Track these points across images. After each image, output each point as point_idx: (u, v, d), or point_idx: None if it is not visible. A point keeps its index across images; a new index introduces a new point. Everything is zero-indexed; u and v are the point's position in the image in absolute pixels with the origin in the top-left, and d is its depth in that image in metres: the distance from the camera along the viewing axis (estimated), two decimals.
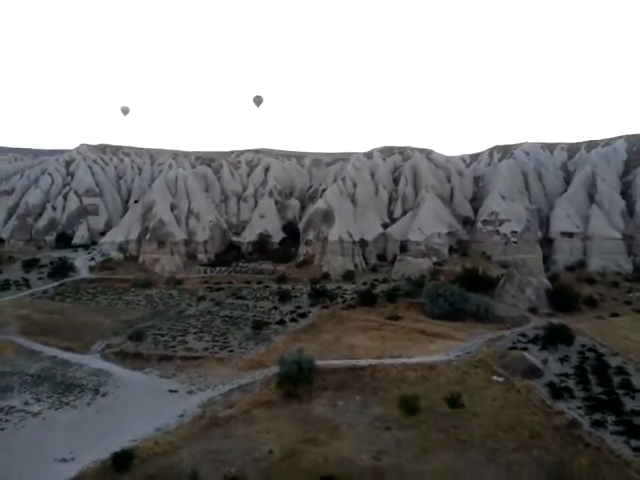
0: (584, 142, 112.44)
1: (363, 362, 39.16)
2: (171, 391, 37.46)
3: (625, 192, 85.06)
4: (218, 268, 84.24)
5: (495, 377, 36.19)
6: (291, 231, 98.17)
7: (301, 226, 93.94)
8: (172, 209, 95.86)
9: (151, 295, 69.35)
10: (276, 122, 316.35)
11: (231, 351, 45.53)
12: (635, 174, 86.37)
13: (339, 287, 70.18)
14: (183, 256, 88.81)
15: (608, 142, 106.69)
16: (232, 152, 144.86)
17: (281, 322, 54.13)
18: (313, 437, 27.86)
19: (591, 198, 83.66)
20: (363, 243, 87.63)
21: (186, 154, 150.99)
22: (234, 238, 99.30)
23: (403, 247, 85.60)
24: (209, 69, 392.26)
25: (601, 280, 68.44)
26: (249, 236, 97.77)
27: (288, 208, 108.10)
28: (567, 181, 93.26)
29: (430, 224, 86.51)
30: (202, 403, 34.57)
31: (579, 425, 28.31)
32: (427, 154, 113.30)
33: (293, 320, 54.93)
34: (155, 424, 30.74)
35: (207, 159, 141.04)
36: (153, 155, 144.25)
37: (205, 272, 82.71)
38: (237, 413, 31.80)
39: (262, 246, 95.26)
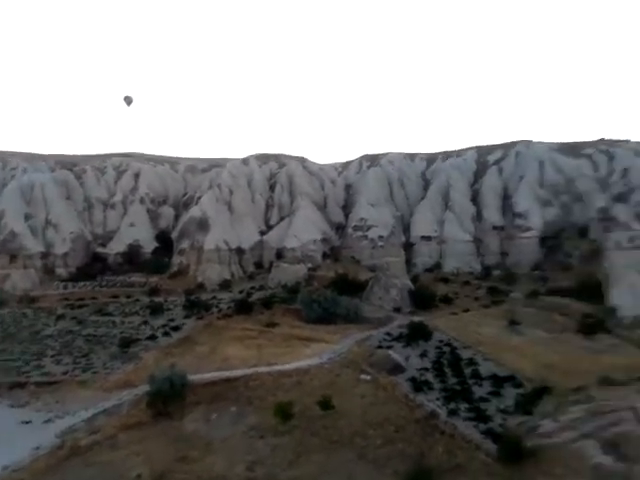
0: (440, 152, 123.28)
1: (238, 372, 38.96)
2: (24, 422, 34.00)
3: (475, 199, 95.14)
4: (81, 283, 78.20)
5: (363, 376, 38.24)
6: (164, 240, 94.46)
7: (175, 235, 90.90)
8: (26, 219, 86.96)
9: (1, 315, 62.25)
10: (148, 125, 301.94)
11: (95, 372, 42.63)
12: (482, 183, 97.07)
13: (215, 297, 69.11)
14: (39, 271, 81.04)
15: (460, 153, 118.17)
16: (98, 156, 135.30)
17: (152, 337, 51.86)
18: (185, 455, 27.13)
19: (446, 204, 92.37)
20: (240, 251, 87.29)
21: (44, 157, 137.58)
22: (100, 249, 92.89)
23: (279, 254, 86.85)
24: (70, 62, 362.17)
25: (455, 279, 75.87)
26: (117, 247, 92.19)
27: (161, 216, 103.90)
28: (426, 189, 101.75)
29: (305, 231, 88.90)
30: (61, 432, 31.83)
31: (437, 415, 31.00)
32: (302, 162, 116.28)
33: (165, 334, 52.91)
34: (2, 462, 27.67)
35: (68, 163, 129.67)
36: (4, 158, 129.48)
37: (65, 288, 76.31)
38: (102, 439, 29.80)
39: (132, 257, 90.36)
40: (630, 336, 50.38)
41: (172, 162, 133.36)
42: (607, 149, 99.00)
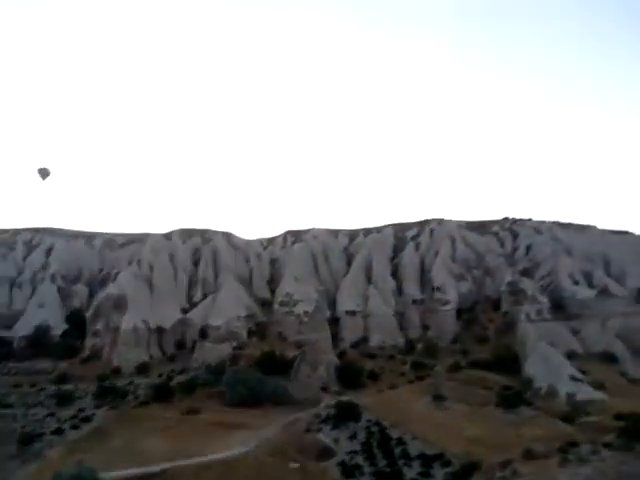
0: (362, 229, 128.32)
1: (156, 468, 35.99)
2: None
3: (395, 273, 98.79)
4: None
5: (292, 464, 36.72)
6: (76, 321, 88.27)
7: (88, 315, 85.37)
8: None
9: None
10: (62, 197, 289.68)
11: None
12: (401, 257, 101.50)
13: (131, 382, 64.60)
14: None
15: (380, 229, 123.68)
16: (6, 231, 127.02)
17: (58, 431, 46.95)
18: None
19: (369, 279, 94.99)
20: (160, 330, 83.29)
21: None
22: (3, 333, 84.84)
23: (203, 332, 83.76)
24: None
25: (381, 354, 76.57)
26: (23, 329, 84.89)
27: (73, 295, 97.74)
28: (349, 264, 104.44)
29: (230, 307, 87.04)
30: None
31: None
32: (227, 237, 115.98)
33: (74, 427, 48.11)
34: None
35: None
36: None
37: None
38: None
39: (39, 340, 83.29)
40: (546, 406, 52.75)
41: (88, 237, 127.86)
42: (511, 227, 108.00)
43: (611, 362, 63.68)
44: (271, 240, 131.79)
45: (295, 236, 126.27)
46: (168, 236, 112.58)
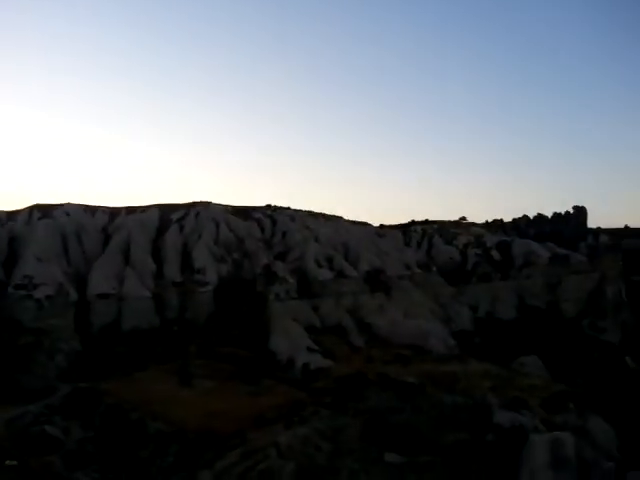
0: (125, 207, 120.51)
1: None
2: None
3: (157, 255, 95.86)
4: None
5: (8, 461, 33.04)
6: None
7: None
8: None
9: None
10: None
11: None
12: (164, 239, 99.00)
13: None
14: None
15: (144, 209, 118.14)
16: None
17: None
18: None
19: (126, 260, 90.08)
20: None
21: None
22: None
23: None
24: None
25: (133, 337, 73.69)
26: None
27: None
28: (107, 244, 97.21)
29: None
30: None
31: None
32: None
33: None
34: None
35: None
36: None
37: None
38: None
39: None
40: (285, 376, 58.37)
41: None
42: (271, 214, 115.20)
43: (341, 334, 73.84)
44: (12, 215, 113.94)
45: (43, 211, 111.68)
46: None
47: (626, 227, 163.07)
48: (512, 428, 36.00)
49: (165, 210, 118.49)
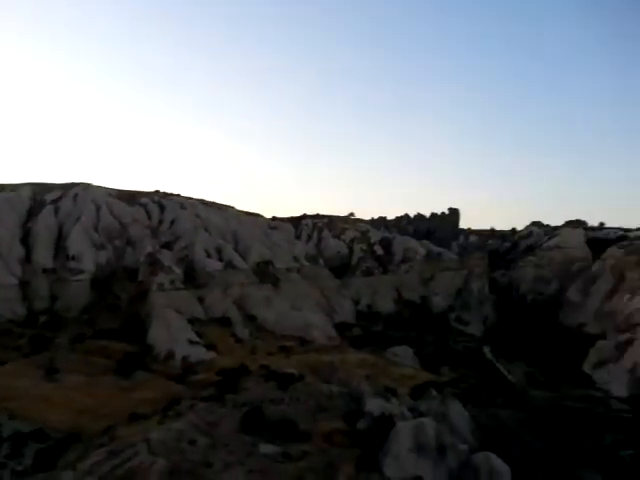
0: None
1: None
2: None
3: (25, 239, 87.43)
4: None
5: None
6: None
7: None
8: None
9: None
10: None
11: None
12: (35, 222, 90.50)
13: None
14: None
15: (14, 188, 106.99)
16: None
17: None
18: None
19: None
20: None
21: None
22: None
23: None
24: None
25: None
26: None
27: None
28: None
29: None
30: None
31: None
32: None
33: None
34: None
35: None
36: None
37: None
38: None
39: None
40: (163, 370, 56.52)
41: None
42: (160, 201, 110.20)
43: (226, 325, 73.10)
44: None
45: None
46: None
47: (492, 229, 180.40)
48: (381, 416, 38.27)
49: (39, 190, 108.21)
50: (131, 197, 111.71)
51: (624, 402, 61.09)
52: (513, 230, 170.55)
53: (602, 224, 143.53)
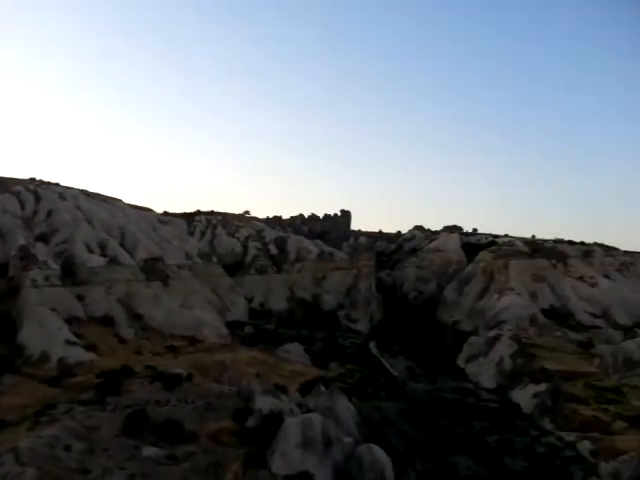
0: None
1: None
2: None
3: None
4: None
5: None
6: None
7: None
8: None
9: None
10: None
11: None
12: None
13: None
14: None
15: None
16: None
17: None
18: None
19: None
20: None
21: None
22: None
23: None
24: None
25: None
26: None
27: None
28: None
29: None
30: None
31: None
32: None
33: None
34: None
35: None
36: None
37: None
38: None
39: None
40: (36, 372, 51.97)
41: None
42: (35, 189, 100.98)
43: (109, 325, 68.94)
44: None
45: None
46: None
47: (380, 231, 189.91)
48: (270, 413, 38.63)
49: None
50: (2, 185, 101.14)
51: (492, 392, 67.61)
52: (398, 233, 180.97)
53: (475, 230, 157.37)
